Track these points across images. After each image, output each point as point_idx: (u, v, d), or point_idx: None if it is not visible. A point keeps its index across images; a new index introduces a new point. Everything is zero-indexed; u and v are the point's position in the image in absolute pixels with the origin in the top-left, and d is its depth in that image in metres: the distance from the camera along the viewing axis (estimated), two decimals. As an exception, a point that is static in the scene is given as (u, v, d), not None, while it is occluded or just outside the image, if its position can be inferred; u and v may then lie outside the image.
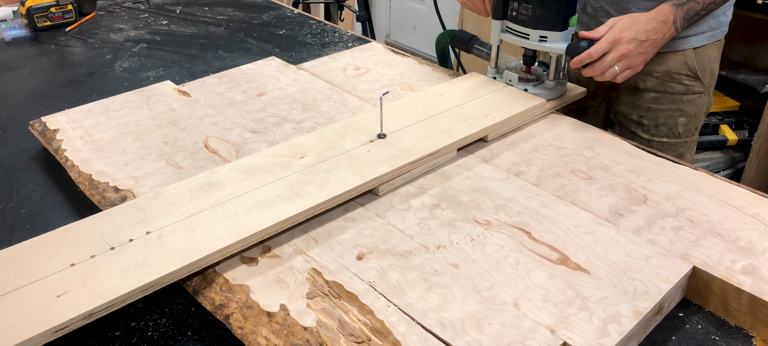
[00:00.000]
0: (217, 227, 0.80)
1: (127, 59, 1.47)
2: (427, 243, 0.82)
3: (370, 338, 0.68)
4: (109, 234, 0.80)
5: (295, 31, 1.66)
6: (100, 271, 0.74)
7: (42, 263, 0.75)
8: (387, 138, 1.00)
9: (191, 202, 0.86)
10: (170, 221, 0.82)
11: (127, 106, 1.15)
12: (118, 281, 0.72)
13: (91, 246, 0.78)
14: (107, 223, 0.82)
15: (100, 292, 0.70)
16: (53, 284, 0.72)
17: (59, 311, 0.68)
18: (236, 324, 0.70)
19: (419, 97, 1.14)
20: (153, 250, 0.77)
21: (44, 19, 1.63)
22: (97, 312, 0.69)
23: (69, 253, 0.77)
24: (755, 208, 0.90)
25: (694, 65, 1.26)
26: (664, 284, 0.75)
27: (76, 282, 0.72)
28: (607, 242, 0.82)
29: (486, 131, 1.04)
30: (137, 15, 1.77)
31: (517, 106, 1.10)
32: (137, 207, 0.85)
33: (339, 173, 0.91)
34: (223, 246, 0.77)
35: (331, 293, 0.74)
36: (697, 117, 1.32)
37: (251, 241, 0.79)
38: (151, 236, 0.79)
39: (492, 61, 1.23)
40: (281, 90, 1.24)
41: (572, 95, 1.19)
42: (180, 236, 0.79)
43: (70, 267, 0.74)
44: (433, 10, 1.59)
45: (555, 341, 0.67)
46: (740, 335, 0.75)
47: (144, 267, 0.74)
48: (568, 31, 1.11)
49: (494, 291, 0.74)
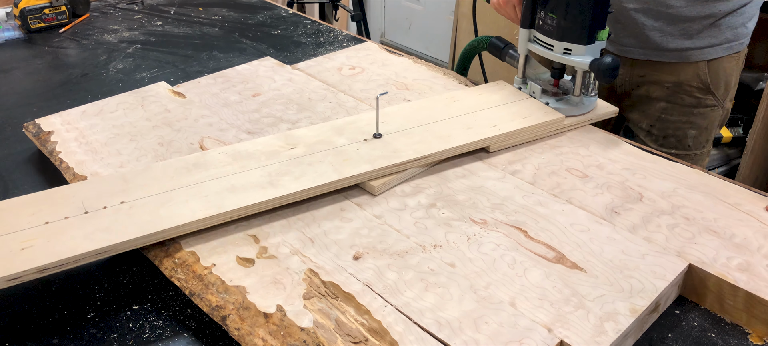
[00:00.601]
0: (184, 205, 0.84)
1: (122, 60, 1.46)
2: (423, 243, 0.82)
3: (367, 338, 0.68)
4: (88, 200, 0.85)
5: (289, 31, 1.66)
6: (66, 232, 0.79)
7: (23, 218, 0.82)
8: (382, 138, 1.00)
9: (172, 179, 0.90)
10: (146, 194, 0.87)
11: (122, 107, 1.15)
12: (78, 243, 0.77)
13: (69, 208, 0.84)
14: (92, 189, 0.88)
15: (59, 250, 0.76)
16: (24, 237, 0.79)
17: (17, 261, 0.74)
18: (233, 325, 0.70)
19: (431, 102, 1.12)
20: (119, 218, 0.82)
21: (38, 21, 1.63)
22: (50, 268, 0.75)
23: (49, 212, 0.83)
24: (750, 205, 0.90)
25: (706, 78, 1.22)
26: (660, 282, 0.75)
27: (43, 239, 0.78)
28: (603, 240, 0.83)
29: (488, 142, 1.01)
30: (131, 16, 1.76)
31: (530, 120, 1.05)
32: (124, 178, 0.90)
33: (319, 167, 0.92)
34: (181, 223, 0.81)
35: (327, 293, 0.73)
36: (708, 130, 1.28)
37: (208, 222, 0.83)
38: (123, 206, 0.84)
39: (519, 71, 1.18)
40: (276, 90, 1.24)
41: (600, 113, 1.12)
42: (148, 209, 0.84)
43: (44, 225, 0.81)
44: (429, 10, 1.59)
45: (552, 339, 0.67)
46: (736, 332, 0.75)
47: (105, 233, 0.79)
48: (596, 46, 1.05)
49: (491, 290, 0.74)
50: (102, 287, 0.80)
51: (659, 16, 1.22)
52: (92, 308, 0.77)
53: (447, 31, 3.41)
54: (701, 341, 0.74)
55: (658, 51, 1.26)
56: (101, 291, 0.80)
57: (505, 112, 1.08)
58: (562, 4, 1.03)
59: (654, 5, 1.22)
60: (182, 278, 0.76)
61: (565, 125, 1.08)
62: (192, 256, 0.79)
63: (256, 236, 0.83)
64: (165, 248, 0.81)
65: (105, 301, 0.78)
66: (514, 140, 1.03)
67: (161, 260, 0.79)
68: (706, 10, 1.20)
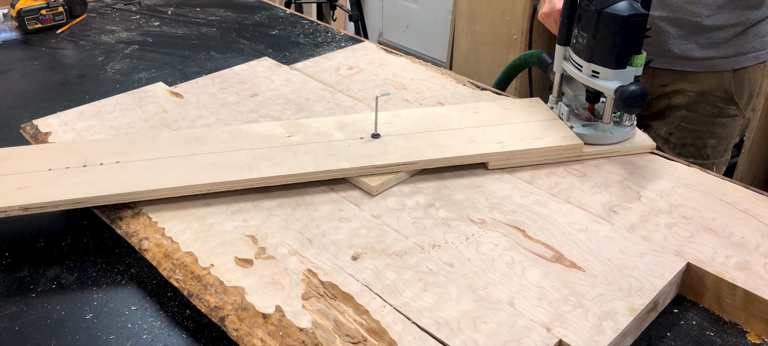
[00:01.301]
0: (165, 173, 0.89)
1: (119, 61, 1.46)
2: (422, 243, 0.82)
3: (365, 339, 0.67)
4: (92, 156, 0.94)
5: (287, 32, 1.66)
6: (59, 180, 0.88)
7: (34, 163, 0.92)
8: (380, 139, 0.99)
9: (170, 148, 0.95)
10: (139, 158, 0.93)
11: (120, 108, 1.15)
12: (62, 191, 0.85)
13: (73, 160, 0.93)
14: (101, 147, 0.96)
15: (44, 194, 0.85)
16: (26, 179, 0.88)
17: (8, 197, 0.84)
18: (231, 326, 0.70)
19: (448, 110, 1.09)
20: (106, 175, 0.89)
21: (35, 22, 1.62)
22: (32, 208, 0.84)
23: (57, 161, 0.92)
24: (748, 203, 0.90)
25: (731, 88, 1.19)
26: (658, 281, 0.75)
27: (39, 183, 0.87)
28: (602, 239, 0.83)
29: (487, 157, 0.96)
30: (129, 16, 1.76)
31: (544, 142, 0.98)
32: (130, 141, 0.98)
33: (302, 158, 0.94)
34: (153, 188, 0.87)
35: (326, 293, 0.73)
36: (727, 139, 1.25)
37: (178, 192, 0.88)
38: (116, 165, 0.91)
39: (554, 90, 1.10)
40: (274, 90, 1.23)
41: (633, 147, 1.01)
42: (133, 171, 0.90)
43: (47, 171, 0.90)
44: (426, 10, 1.58)
45: (551, 339, 0.67)
46: (734, 331, 0.75)
47: (87, 186, 0.86)
48: (627, 71, 0.95)
49: (489, 290, 0.74)
50: (100, 288, 0.80)
51: (685, 24, 1.19)
52: (90, 309, 0.77)
53: (445, 31, 3.41)
54: (700, 340, 0.74)
55: (682, 60, 1.22)
56: (99, 292, 0.80)
57: (520, 130, 1.02)
58: (592, 23, 0.95)
59: (681, 14, 1.18)
60: (180, 279, 0.76)
61: (585, 153, 0.99)
62: (190, 256, 0.79)
63: (254, 237, 0.83)
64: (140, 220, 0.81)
65: (103, 302, 0.78)
66: (519, 160, 0.97)
67: (159, 261, 0.79)
68: (733, 19, 1.16)
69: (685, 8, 1.17)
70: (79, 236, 0.89)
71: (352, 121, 1.04)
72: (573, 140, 0.99)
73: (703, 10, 1.16)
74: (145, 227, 0.84)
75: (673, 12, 1.18)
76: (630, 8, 0.91)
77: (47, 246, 0.88)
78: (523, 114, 1.07)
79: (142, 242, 0.82)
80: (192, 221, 0.85)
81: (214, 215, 0.86)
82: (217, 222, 0.85)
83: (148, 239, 0.82)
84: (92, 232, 0.90)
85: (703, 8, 1.16)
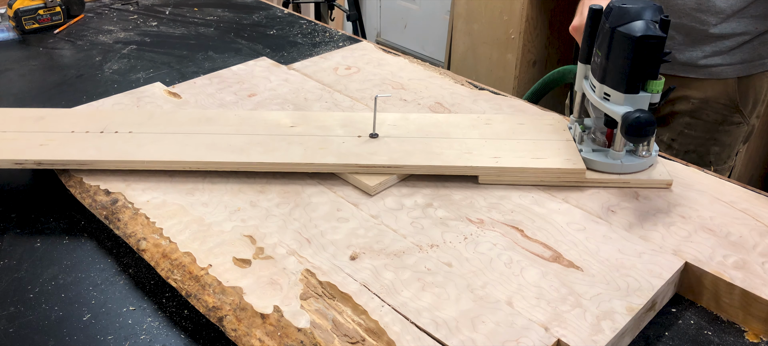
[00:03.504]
0: (164, 148, 0.95)
1: (117, 61, 1.46)
2: (420, 242, 0.82)
3: (364, 339, 0.67)
4: (113, 124, 1.01)
5: (285, 31, 1.66)
6: (76, 142, 0.97)
7: (64, 124, 1.01)
8: (377, 139, 0.99)
9: (181, 125, 1.01)
10: (151, 130, 0.99)
11: (117, 108, 1.15)
12: (74, 151, 0.94)
13: (96, 125, 1.01)
14: (123, 117, 1.04)
15: (56, 152, 0.94)
16: (50, 137, 0.98)
17: (26, 152, 0.94)
18: (230, 326, 0.70)
19: (457, 119, 1.05)
20: (114, 143, 0.96)
21: (32, 22, 1.62)
22: (45, 164, 0.93)
23: (83, 124, 1.01)
24: (746, 203, 0.90)
25: (735, 96, 1.18)
26: (656, 280, 0.76)
27: (59, 142, 0.96)
28: (600, 238, 0.83)
29: (477, 171, 0.93)
30: (126, 16, 1.76)
31: (543, 162, 0.93)
32: (150, 114, 1.04)
33: (292, 149, 0.96)
34: (147, 159, 0.93)
35: (324, 293, 0.73)
36: (731, 147, 1.24)
37: (171, 166, 0.94)
38: (127, 135, 0.98)
39: (575, 110, 1.02)
40: (272, 90, 1.23)
41: (648, 180, 0.93)
42: (137, 142, 0.96)
43: (69, 133, 0.99)
44: (425, 10, 1.58)
45: (549, 338, 0.68)
46: (732, 330, 0.75)
47: (94, 150, 0.94)
48: (639, 97, 0.88)
49: (488, 289, 0.74)
50: (98, 288, 0.80)
51: (691, 32, 1.17)
52: (88, 309, 0.77)
53: (443, 31, 3.41)
54: (698, 340, 0.74)
55: (686, 67, 1.20)
56: (97, 292, 0.79)
57: (524, 147, 0.97)
58: (606, 42, 0.88)
59: (688, 21, 1.17)
60: (179, 279, 0.76)
61: (587, 180, 0.93)
62: (188, 256, 0.79)
63: (252, 237, 0.82)
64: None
65: (101, 302, 0.78)
66: (512, 178, 0.93)
67: (157, 261, 0.79)
68: (741, 28, 1.15)
69: (693, 15, 1.16)
70: (77, 237, 0.89)
71: (359, 119, 1.04)
72: (575, 165, 0.93)
73: (711, 19, 1.15)
74: (143, 227, 0.84)
75: (680, 18, 1.17)
76: (644, 29, 0.84)
77: (45, 246, 0.87)
78: (536, 131, 1.01)
79: (140, 242, 0.82)
80: (190, 221, 0.85)
81: (213, 215, 0.86)
82: (216, 222, 0.85)
83: (146, 239, 0.82)
84: (90, 232, 0.90)
85: (711, 16, 1.15)
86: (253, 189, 0.92)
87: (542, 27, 2.66)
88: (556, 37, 2.74)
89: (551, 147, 0.97)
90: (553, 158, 0.94)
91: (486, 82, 1.46)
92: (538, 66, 2.75)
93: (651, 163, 0.94)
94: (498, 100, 1.21)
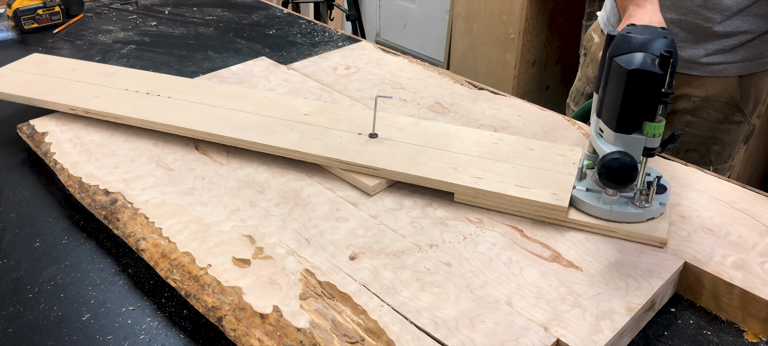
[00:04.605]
0: (185, 116, 1.04)
1: (116, 61, 1.46)
2: (419, 242, 0.82)
3: (363, 338, 0.67)
4: (161, 87, 1.13)
5: (284, 31, 1.66)
6: (123, 99, 1.10)
7: (122, 82, 1.16)
8: (374, 139, 0.99)
9: (211, 97, 1.10)
10: (186, 99, 1.09)
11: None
12: (114, 106, 1.07)
13: (143, 87, 1.14)
14: (171, 82, 1.15)
15: (101, 105, 1.08)
16: (105, 91, 1.13)
17: (81, 101, 1.09)
18: (229, 326, 0.70)
19: (467, 132, 1.01)
20: (150, 104, 1.08)
21: (31, 22, 1.62)
22: (91, 113, 1.07)
23: (135, 85, 1.14)
24: (745, 203, 0.90)
25: (736, 95, 1.18)
26: (655, 280, 0.76)
27: (110, 97, 1.10)
28: (599, 238, 0.83)
29: (453, 188, 0.89)
30: (125, 16, 1.76)
31: (522, 192, 0.86)
32: (194, 84, 1.16)
33: (290, 135, 0.99)
34: (164, 122, 1.03)
35: (324, 293, 0.73)
36: (731, 146, 1.24)
37: (182, 132, 1.03)
38: (166, 99, 1.09)
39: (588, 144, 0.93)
40: (271, 90, 1.23)
41: (635, 232, 0.82)
42: (166, 107, 1.07)
43: (123, 90, 1.12)
44: (424, 10, 1.57)
45: (548, 338, 0.68)
46: (732, 330, 0.75)
47: (131, 108, 1.06)
48: (632, 139, 0.78)
49: (487, 289, 0.74)
50: (97, 288, 0.80)
51: (695, 29, 1.17)
52: (87, 309, 0.77)
53: (442, 31, 3.41)
54: (697, 339, 0.74)
55: (688, 64, 1.20)
56: (96, 292, 0.79)
57: (515, 173, 0.90)
58: (605, 71, 0.80)
59: (693, 18, 1.16)
60: (178, 279, 0.76)
61: (569, 220, 0.84)
62: (187, 256, 0.79)
63: (251, 237, 0.82)
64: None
65: (100, 302, 0.78)
66: (489, 202, 0.88)
67: (157, 261, 0.79)
68: (745, 26, 1.15)
69: (699, 12, 1.15)
70: (76, 236, 0.89)
71: (368, 117, 1.03)
72: (557, 201, 0.84)
73: (716, 16, 1.15)
74: (142, 227, 0.84)
75: (685, 15, 1.16)
76: (641, 62, 0.75)
77: (44, 246, 0.87)
78: (540, 160, 0.93)
79: (140, 242, 0.81)
80: (189, 220, 0.85)
81: (212, 214, 0.86)
82: (215, 222, 0.85)
83: (145, 239, 0.82)
84: (89, 232, 0.90)
85: (716, 13, 1.14)
86: (253, 189, 0.92)
87: (541, 27, 2.66)
88: (555, 37, 2.74)
89: (545, 178, 0.89)
90: (538, 190, 0.86)
91: (485, 82, 1.46)
92: (538, 66, 2.75)
93: (650, 217, 0.83)
94: (497, 100, 1.21)
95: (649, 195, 0.83)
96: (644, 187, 0.83)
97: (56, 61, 1.24)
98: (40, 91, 1.12)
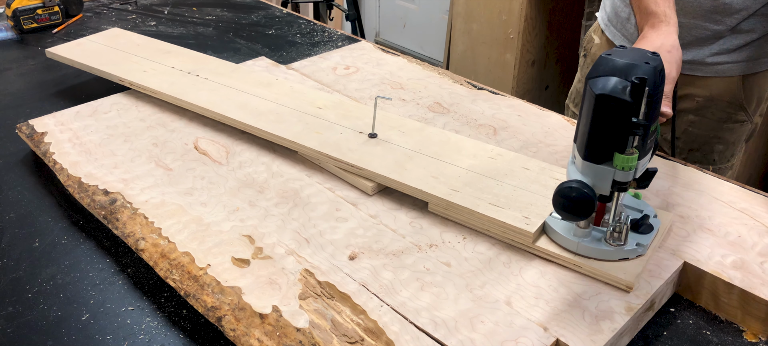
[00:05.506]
0: (211, 99, 1.10)
1: (116, 61, 1.46)
2: (419, 242, 0.82)
3: (363, 338, 0.67)
4: (201, 69, 1.22)
5: (284, 31, 1.66)
6: (166, 76, 1.19)
7: (176, 61, 1.26)
8: (373, 140, 0.99)
9: (242, 82, 1.17)
10: (218, 81, 1.17)
11: (116, 108, 1.15)
12: (155, 82, 1.16)
13: (188, 66, 1.23)
14: (215, 64, 1.25)
15: (144, 80, 1.17)
16: (154, 66, 1.23)
17: (128, 74, 1.20)
18: (228, 326, 0.69)
19: (468, 143, 0.98)
20: (185, 84, 1.16)
21: (31, 21, 1.62)
22: (135, 85, 1.18)
23: (182, 64, 1.25)
24: (744, 203, 0.90)
25: (740, 94, 1.17)
26: (655, 280, 0.76)
27: (156, 73, 1.20)
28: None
29: (428, 197, 0.87)
30: (125, 16, 1.76)
31: (493, 211, 0.82)
32: (232, 68, 1.23)
33: (294, 126, 1.02)
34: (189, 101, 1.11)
35: (323, 293, 0.73)
36: (734, 145, 1.24)
37: (204, 112, 1.10)
38: (203, 80, 1.18)
39: None
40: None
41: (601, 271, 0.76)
42: (198, 87, 1.15)
43: (169, 68, 1.23)
44: (423, 10, 1.57)
45: (548, 338, 0.68)
46: (731, 330, 0.75)
47: (167, 85, 1.15)
48: (601, 169, 0.72)
49: (486, 289, 0.74)
50: (96, 288, 0.80)
51: (704, 32, 1.16)
52: (86, 309, 0.77)
53: (442, 31, 3.41)
54: (696, 339, 0.74)
55: (691, 64, 1.19)
56: (96, 292, 0.79)
57: (496, 191, 0.87)
58: (581, 96, 0.75)
59: (702, 21, 1.15)
60: (177, 279, 0.76)
61: (535, 247, 0.80)
62: (187, 256, 0.79)
63: (251, 237, 0.82)
64: (160, 249, 0.81)
65: (99, 302, 0.78)
66: (460, 217, 0.85)
67: (156, 261, 0.79)
68: (749, 26, 1.14)
69: (709, 16, 1.14)
70: (75, 236, 0.89)
71: (381, 118, 1.03)
72: (525, 226, 0.80)
73: (726, 19, 1.14)
74: (141, 227, 0.84)
75: (694, 19, 1.15)
76: (611, 88, 0.68)
77: (43, 246, 0.87)
78: (530, 181, 0.89)
79: (139, 242, 0.81)
80: (189, 220, 0.85)
81: (211, 214, 0.86)
82: (214, 222, 0.85)
83: (144, 239, 0.82)
84: (88, 232, 0.90)
85: (726, 17, 1.13)
86: (252, 189, 0.92)
87: (541, 27, 2.66)
88: (554, 37, 2.74)
89: (525, 200, 0.85)
90: (511, 212, 0.82)
91: (485, 81, 1.45)
92: (537, 66, 2.75)
93: (622, 257, 0.76)
94: (497, 99, 1.21)
95: (622, 233, 0.76)
96: (617, 223, 0.76)
97: (127, 36, 1.38)
98: (101, 62, 1.25)
